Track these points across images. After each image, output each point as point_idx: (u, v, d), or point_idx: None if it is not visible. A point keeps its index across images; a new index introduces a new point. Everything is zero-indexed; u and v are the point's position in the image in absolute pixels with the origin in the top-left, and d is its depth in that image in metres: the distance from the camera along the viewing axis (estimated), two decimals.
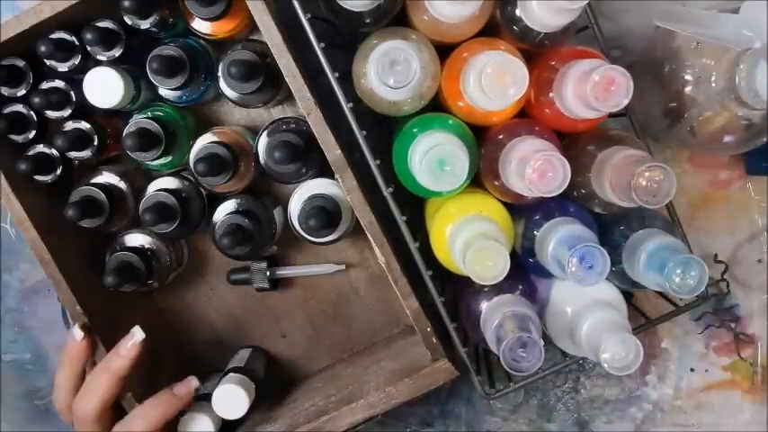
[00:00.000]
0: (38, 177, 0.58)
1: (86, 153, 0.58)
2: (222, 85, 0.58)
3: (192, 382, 0.56)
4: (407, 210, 0.54)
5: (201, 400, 0.59)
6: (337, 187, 0.59)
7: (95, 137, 0.57)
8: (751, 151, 0.55)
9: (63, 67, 0.56)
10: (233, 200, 0.60)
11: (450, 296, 0.57)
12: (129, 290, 0.58)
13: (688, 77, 0.52)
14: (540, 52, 0.52)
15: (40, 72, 0.57)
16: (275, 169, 0.58)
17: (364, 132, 0.52)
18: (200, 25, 0.57)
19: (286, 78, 0.52)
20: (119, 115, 0.61)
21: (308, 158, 0.56)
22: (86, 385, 0.55)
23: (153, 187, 0.60)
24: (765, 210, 0.66)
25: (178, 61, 0.55)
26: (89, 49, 0.56)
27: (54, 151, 0.58)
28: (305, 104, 0.52)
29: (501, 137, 0.50)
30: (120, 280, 0.56)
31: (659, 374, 0.69)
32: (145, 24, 0.55)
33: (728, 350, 0.68)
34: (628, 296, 0.55)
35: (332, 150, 0.53)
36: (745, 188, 0.66)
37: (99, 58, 0.56)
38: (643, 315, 0.59)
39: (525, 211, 0.53)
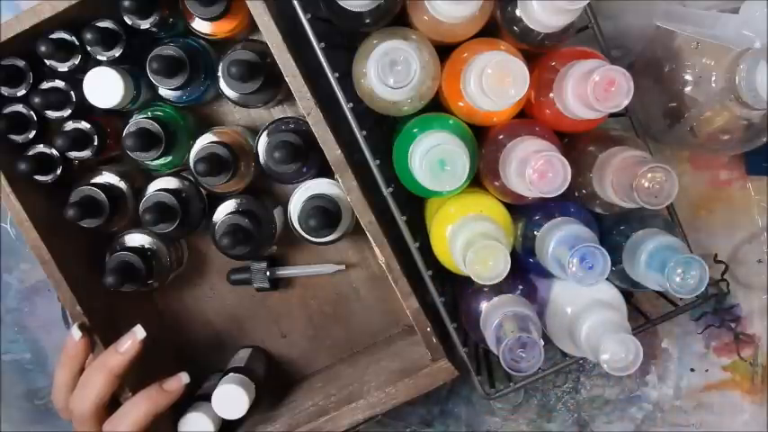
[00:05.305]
0: (38, 177, 0.58)
1: (86, 153, 0.58)
2: (222, 85, 0.58)
3: (183, 378, 0.56)
4: (407, 210, 0.54)
5: (201, 400, 0.59)
6: (337, 187, 0.59)
7: (95, 137, 0.57)
8: (751, 151, 0.55)
9: (63, 67, 0.56)
10: (233, 200, 0.60)
11: (451, 296, 0.57)
12: (129, 290, 0.58)
13: (688, 77, 0.52)
14: (540, 52, 0.52)
15: (40, 72, 0.57)
16: (275, 169, 0.58)
17: (364, 132, 0.52)
18: (200, 25, 0.57)
19: (286, 78, 0.52)
20: (119, 115, 0.61)
21: (308, 158, 0.56)
22: (82, 382, 0.54)
23: (153, 187, 0.60)
24: (765, 210, 0.66)
25: (178, 61, 0.55)
26: (89, 49, 0.56)
27: (54, 151, 0.58)
28: (305, 104, 0.52)
29: (501, 137, 0.50)
30: (120, 280, 0.56)
31: (659, 374, 0.69)
32: (145, 24, 0.55)
33: (728, 350, 0.68)
34: (628, 296, 0.55)
35: (332, 150, 0.53)
36: (745, 188, 0.66)
37: (99, 58, 0.56)
38: (643, 315, 0.59)
39: (525, 211, 0.52)
